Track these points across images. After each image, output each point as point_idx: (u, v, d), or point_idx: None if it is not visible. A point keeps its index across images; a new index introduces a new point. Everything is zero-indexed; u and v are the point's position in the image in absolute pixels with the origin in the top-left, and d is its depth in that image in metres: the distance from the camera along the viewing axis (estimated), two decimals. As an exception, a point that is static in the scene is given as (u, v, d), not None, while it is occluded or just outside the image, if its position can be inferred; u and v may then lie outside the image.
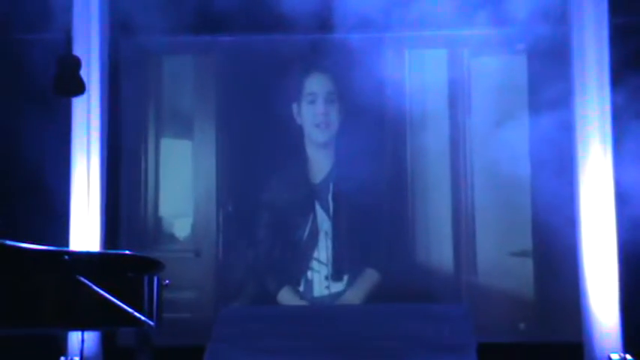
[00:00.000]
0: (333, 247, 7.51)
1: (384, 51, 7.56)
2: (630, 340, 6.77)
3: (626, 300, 6.83)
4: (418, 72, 7.62)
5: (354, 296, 7.42)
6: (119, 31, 7.45)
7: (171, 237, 7.67)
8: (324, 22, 7.15)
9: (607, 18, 7.02)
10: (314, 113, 7.63)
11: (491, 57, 7.59)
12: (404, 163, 7.59)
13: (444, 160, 7.56)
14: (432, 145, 7.57)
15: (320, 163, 7.64)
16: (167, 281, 5.35)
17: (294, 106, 7.65)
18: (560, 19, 7.20)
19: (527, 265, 7.42)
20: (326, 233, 7.52)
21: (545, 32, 7.29)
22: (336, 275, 7.48)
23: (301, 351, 6.49)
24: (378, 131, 7.57)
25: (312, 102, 7.64)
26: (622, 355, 6.71)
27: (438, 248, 7.49)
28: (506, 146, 7.38)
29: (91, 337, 6.79)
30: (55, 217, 7.02)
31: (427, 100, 7.57)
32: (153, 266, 5.22)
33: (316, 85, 7.66)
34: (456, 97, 7.57)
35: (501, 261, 7.40)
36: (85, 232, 7.01)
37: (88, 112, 7.08)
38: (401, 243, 7.51)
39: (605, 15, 7.02)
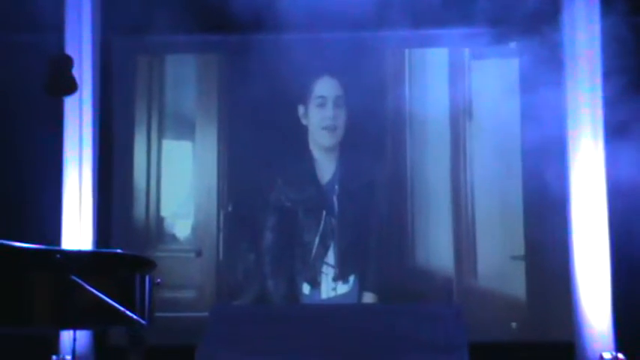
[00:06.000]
0: (340, 249, 7.51)
1: (387, 51, 7.59)
2: (622, 339, 6.79)
3: (617, 299, 6.85)
4: (419, 72, 7.64)
5: None
6: (115, 31, 7.45)
7: (173, 237, 7.70)
8: (326, 22, 7.08)
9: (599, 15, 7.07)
10: (323, 116, 7.63)
11: (490, 56, 7.61)
12: (404, 163, 7.59)
13: (444, 160, 7.58)
14: (432, 146, 7.60)
15: (325, 165, 7.64)
16: (159, 280, 5.33)
17: (301, 108, 7.64)
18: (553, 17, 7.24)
19: (522, 267, 7.44)
20: (332, 235, 7.52)
21: (538, 30, 7.31)
22: (342, 277, 7.48)
23: (293, 351, 6.48)
24: (381, 133, 7.59)
25: (322, 105, 7.64)
26: (614, 354, 6.72)
27: (437, 251, 7.50)
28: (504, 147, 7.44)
29: (83, 336, 6.79)
30: (47, 220, 7.02)
31: (427, 101, 7.58)
32: (145, 265, 5.21)
33: (326, 88, 7.65)
34: (457, 97, 7.58)
35: (502, 264, 7.41)
36: (77, 234, 7.02)
37: (80, 111, 7.09)
38: (399, 245, 7.52)
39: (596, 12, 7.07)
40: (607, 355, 6.71)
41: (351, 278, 7.48)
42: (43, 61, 5.91)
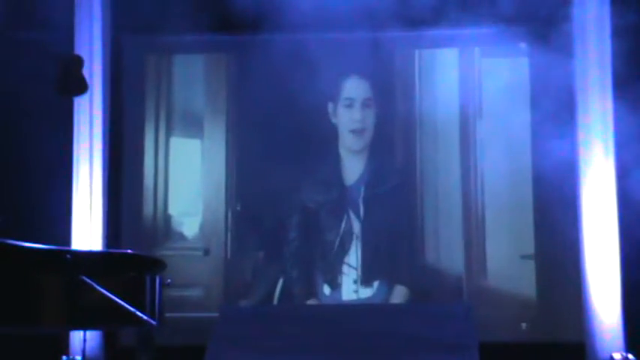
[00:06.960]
0: (364, 252, 7.47)
1: (401, 51, 7.58)
2: (632, 340, 6.77)
3: (628, 299, 6.84)
4: (429, 72, 7.63)
5: None
6: (125, 30, 7.47)
7: (180, 235, 7.69)
8: (334, 22, 7.06)
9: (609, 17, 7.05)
10: (350, 119, 7.60)
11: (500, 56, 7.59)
12: (414, 162, 7.57)
13: (454, 159, 7.56)
14: (442, 145, 7.59)
15: (352, 166, 7.62)
16: (169, 280, 5.35)
17: (330, 105, 7.60)
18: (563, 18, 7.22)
19: (532, 266, 7.43)
20: (355, 237, 7.50)
21: (548, 29, 7.29)
22: (365, 281, 7.46)
23: (303, 351, 6.49)
24: (398, 134, 7.58)
25: (350, 106, 7.61)
26: (624, 354, 6.70)
27: (447, 251, 7.47)
28: (515, 147, 7.43)
29: (93, 337, 6.80)
30: (57, 220, 7.03)
31: (437, 101, 7.56)
32: (155, 265, 5.22)
33: (354, 89, 7.60)
34: (467, 97, 7.56)
35: (512, 263, 7.39)
36: (87, 232, 7.03)
37: (90, 110, 7.11)
38: (410, 245, 7.51)
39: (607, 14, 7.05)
40: (617, 355, 6.70)
41: (376, 283, 7.42)
42: (54, 61, 5.91)
